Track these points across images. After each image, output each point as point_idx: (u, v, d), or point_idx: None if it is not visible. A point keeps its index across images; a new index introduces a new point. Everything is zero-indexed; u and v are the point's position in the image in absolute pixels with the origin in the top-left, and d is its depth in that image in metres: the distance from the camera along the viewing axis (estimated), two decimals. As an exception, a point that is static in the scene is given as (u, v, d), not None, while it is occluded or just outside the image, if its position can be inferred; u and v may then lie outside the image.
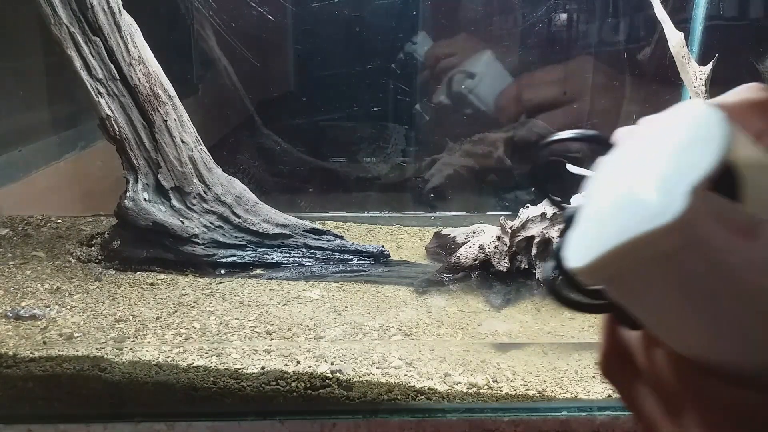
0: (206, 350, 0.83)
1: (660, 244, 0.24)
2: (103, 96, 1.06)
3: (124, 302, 0.97)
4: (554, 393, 0.79)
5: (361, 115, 1.54)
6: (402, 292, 1.06)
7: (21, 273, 1.06)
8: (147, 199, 1.09)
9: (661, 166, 0.26)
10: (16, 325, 0.88)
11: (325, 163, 1.59)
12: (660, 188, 0.25)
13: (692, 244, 0.24)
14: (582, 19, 1.45)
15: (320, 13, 1.43)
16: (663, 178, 0.25)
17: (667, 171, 0.25)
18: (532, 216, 1.05)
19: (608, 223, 0.27)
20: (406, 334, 0.90)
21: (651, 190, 0.25)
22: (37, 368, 0.78)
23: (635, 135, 0.30)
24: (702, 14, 1.29)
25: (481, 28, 1.48)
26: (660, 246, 0.24)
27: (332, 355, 0.83)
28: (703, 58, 1.10)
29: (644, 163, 0.27)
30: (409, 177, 1.57)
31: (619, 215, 0.27)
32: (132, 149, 1.09)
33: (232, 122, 1.60)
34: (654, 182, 0.26)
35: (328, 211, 1.48)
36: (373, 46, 1.49)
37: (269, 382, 0.78)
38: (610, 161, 0.31)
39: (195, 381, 0.78)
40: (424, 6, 1.46)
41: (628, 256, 0.25)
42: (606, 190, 0.29)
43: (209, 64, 1.52)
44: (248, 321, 0.92)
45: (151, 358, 0.80)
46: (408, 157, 1.58)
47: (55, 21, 1.03)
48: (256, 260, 1.13)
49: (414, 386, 0.78)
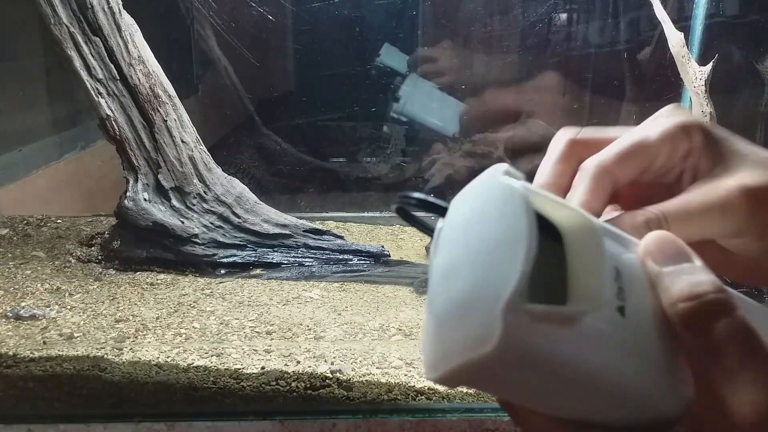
0: (206, 350, 0.83)
1: (492, 363, 0.25)
2: (103, 96, 1.06)
3: (124, 302, 0.97)
4: (554, 393, 0.79)
5: (361, 115, 1.54)
6: (402, 292, 1.06)
7: (21, 273, 1.06)
8: (147, 199, 1.09)
9: (478, 269, 0.27)
10: (16, 325, 0.88)
11: (325, 163, 1.59)
12: (478, 303, 0.26)
13: (523, 353, 0.26)
14: (582, 20, 1.45)
15: (320, 13, 1.43)
16: (480, 289, 0.26)
17: (484, 279, 0.26)
18: (532, 216, 1.05)
19: (446, 331, 0.28)
20: (406, 334, 0.90)
21: (472, 303, 0.26)
22: (37, 368, 0.78)
23: (461, 207, 0.31)
24: (702, 14, 1.29)
25: (480, 29, 1.48)
26: (493, 365, 0.26)
27: (332, 355, 0.83)
28: (703, 57, 1.10)
29: (465, 259, 0.28)
30: (409, 177, 1.57)
31: (452, 325, 0.28)
32: (132, 149, 1.09)
33: (232, 122, 1.60)
34: (473, 293, 0.27)
35: (328, 211, 1.48)
36: (373, 46, 1.49)
37: (269, 382, 0.78)
38: (444, 231, 0.32)
39: (195, 381, 0.78)
40: (424, 6, 1.46)
41: (468, 373, 0.27)
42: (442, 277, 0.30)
43: (209, 64, 1.52)
44: (248, 321, 0.92)
45: (151, 358, 0.80)
46: (408, 157, 1.58)
47: (55, 21, 1.03)
48: (256, 260, 1.13)
49: (414, 386, 0.78)
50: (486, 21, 1.47)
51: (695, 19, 1.29)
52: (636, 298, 0.29)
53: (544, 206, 0.29)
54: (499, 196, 0.27)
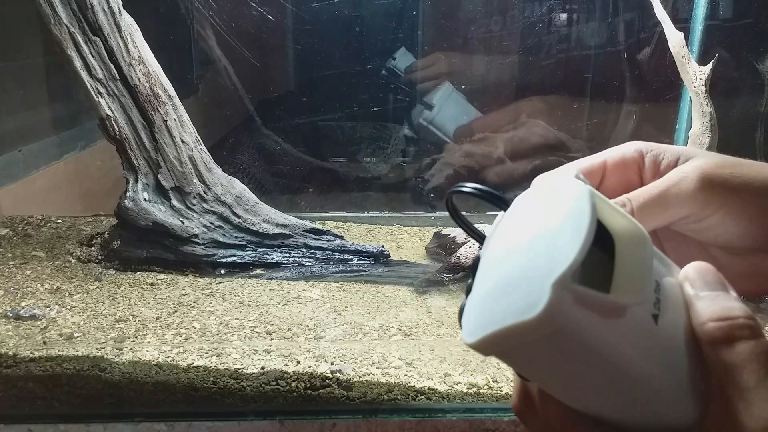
0: (206, 350, 0.83)
1: (531, 333, 0.27)
2: (103, 96, 1.06)
3: (124, 302, 0.97)
4: (554, 393, 0.79)
5: (361, 115, 1.54)
6: (402, 292, 1.06)
7: (21, 273, 1.06)
8: (147, 199, 1.09)
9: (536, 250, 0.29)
10: (16, 325, 0.88)
11: (325, 163, 1.60)
12: (530, 278, 0.28)
13: (561, 330, 0.27)
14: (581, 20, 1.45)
15: (320, 13, 1.43)
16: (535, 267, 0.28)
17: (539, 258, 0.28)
18: (532, 216, 1.05)
19: (491, 302, 0.30)
20: (406, 334, 0.90)
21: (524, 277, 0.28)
22: (37, 368, 0.78)
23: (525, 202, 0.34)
24: (702, 14, 1.29)
25: (480, 29, 1.48)
26: (532, 334, 0.27)
27: (332, 355, 0.83)
28: (703, 57, 1.10)
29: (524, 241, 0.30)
30: (409, 177, 1.58)
31: (499, 297, 0.30)
32: (132, 149, 1.09)
33: (232, 122, 1.60)
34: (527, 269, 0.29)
35: (328, 211, 1.48)
36: (373, 47, 1.49)
37: (269, 382, 0.78)
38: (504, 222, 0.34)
39: (195, 381, 0.78)
40: (424, 6, 1.46)
41: (506, 341, 0.28)
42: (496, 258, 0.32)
43: (209, 64, 1.52)
44: (248, 321, 0.92)
45: (151, 358, 0.80)
46: (408, 157, 1.58)
47: (55, 21, 1.03)
48: (256, 260, 1.13)
49: (414, 386, 0.78)
50: (486, 21, 1.47)
51: (695, 20, 1.29)
52: (670, 313, 0.31)
53: (604, 211, 0.31)
54: (569, 192, 0.30)
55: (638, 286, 0.29)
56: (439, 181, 1.52)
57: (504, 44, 1.48)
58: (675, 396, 0.30)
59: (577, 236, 0.27)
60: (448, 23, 1.51)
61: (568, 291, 0.27)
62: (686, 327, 0.31)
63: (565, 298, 0.26)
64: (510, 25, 1.46)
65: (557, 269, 0.27)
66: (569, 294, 0.27)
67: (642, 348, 0.29)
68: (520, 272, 0.29)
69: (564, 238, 0.28)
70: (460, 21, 1.50)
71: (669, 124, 1.39)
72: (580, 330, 0.27)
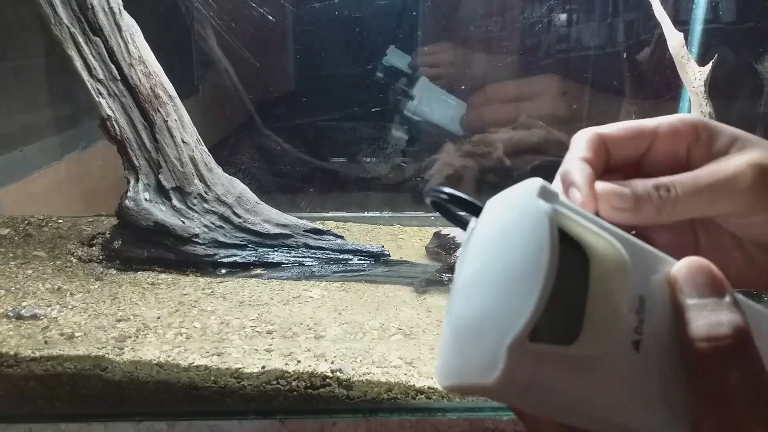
0: (207, 350, 0.83)
1: (493, 395, 0.26)
2: (103, 96, 1.06)
3: (125, 302, 0.97)
4: (554, 392, 0.79)
5: (361, 116, 1.54)
6: (402, 291, 1.06)
7: (22, 273, 1.06)
8: (148, 199, 1.09)
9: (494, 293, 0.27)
10: (17, 325, 0.88)
11: (326, 163, 1.60)
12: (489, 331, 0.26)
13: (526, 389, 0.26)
14: (581, 20, 1.46)
15: (320, 14, 1.43)
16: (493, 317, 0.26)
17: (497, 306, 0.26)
18: (531, 216, 1.05)
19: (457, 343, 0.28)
20: (406, 333, 0.91)
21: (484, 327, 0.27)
22: (38, 368, 0.79)
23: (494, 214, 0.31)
24: (701, 14, 1.29)
25: (479, 29, 1.49)
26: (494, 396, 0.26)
27: (332, 354, 0.83)
28: (703, 58, 1.10)
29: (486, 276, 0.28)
30: (409, 177, 1.58)
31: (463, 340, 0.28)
32: (133, 149, 1.09)
33: (232, 122, 1.60)
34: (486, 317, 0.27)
35: (328, 211, 1.48)
36: (374, 47, 1.49)
37: (270, 381, 0.78)
38: (476, 232, 0.31)
39: (196, 380, 0.78)
40: (424, 6, 1.47)
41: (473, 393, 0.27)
42: (466, 281, 0.30)
43: (210, 65, 1.52)
44: (249, 320, 0.93)
45: (152, 357, 0.81)
46: (408, 157, 1.58)
47: (55, 21, 1.03)
48: (257, 260, 1.13)
49: (414, 385, 0.78)
50: (486, 21, 1.47)
51: (695, 20, 1.29)
52: (654, 328, 0.29)
53: (575, 228, 0.28)
54: (528, 218, 0.27)
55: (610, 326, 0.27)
56: (439, 181, 1.52)
57: (504, 44, 1.48)
58: (658, 422, 0.29)
59: (536, 283, 0.25)
60: (448, 23, 1.51)
61: (526, 351, 0.25)
62: (673, 340, 0.29)
63: (523, 359, 0.25)
64: (510, 24, 1.47)
65: (514, 326, 0.25)
66: (528, 355, 0.25)
67: (617, 386, 0.27)
68: (482, 317, 0.27)
69: (523, 282, 0.26)
70: (460, 21, 1.50)
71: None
72: (546, 383, 0.26)
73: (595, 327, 0.27)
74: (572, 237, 0.29)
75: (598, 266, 0.28)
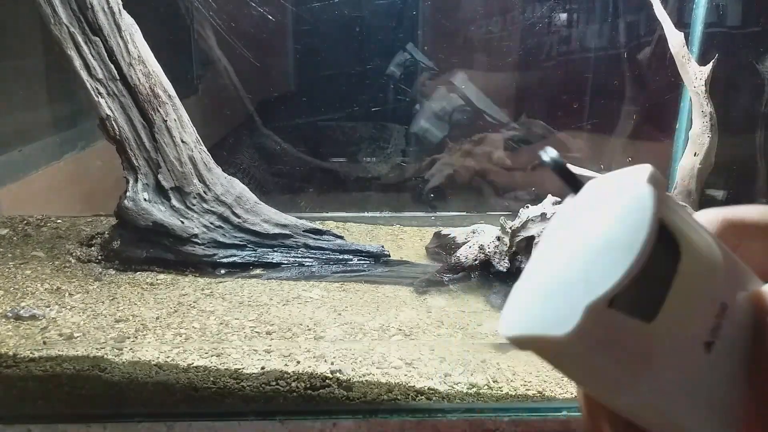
0: (206, 350, 0.83)
1: (557, 348, 0.27)
2: (103, 96, 1.06)
3: (124, 302, 0.97)
4: (554, 393, 0.79)
5: (361, 115, 1.54)
6: (402, 292, 1.06)
7: (21, 273, 1.06)
8: (147, 199, 1.09)
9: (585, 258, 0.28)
10: (16, 325, 0.88)
11: (325, 163, 1.60)
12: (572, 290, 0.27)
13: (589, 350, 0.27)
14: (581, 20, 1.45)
15: (320, 13, 1.43)
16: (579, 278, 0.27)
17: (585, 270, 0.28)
18: (532, 216, 1.05)
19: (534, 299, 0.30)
20: (406, 334, 0.90)
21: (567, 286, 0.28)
22: (37, 368, 0.78)
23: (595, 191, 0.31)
24: (702, 14, 1.29)
25: (479, 30, 1.48)
26: (557, 349, 0.27)
27: (332, 355, 0.83)
28: (703, 57, 1.10)
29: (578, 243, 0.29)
30: (409, 177, 1.58)
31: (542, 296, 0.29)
32: (132, 149, 1.09)
33: (232, 122, 1.60)
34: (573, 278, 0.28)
35: (328, 211, 1.48)
36: (373, 47, 1.49)
37: (269, 382, 0.78)
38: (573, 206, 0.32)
39: (195, 381, 0.78)
40: (423, 6, 1.46)
41: (535, 346, 0.28)
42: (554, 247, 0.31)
43: (209, 64, 1.52)
44: (248, 321, 0.92)
45: (151, 358, 0.80)
46: (408, 157, 1.58)
47: (55, 21, 1.03)
48: (256, 260, 1.13)
49: (414, 386, 0.78)
50: (486, 21, 1.47)
51: (695, 20, 1.29)
52: (730, 335, 0.29)
53: (674, 221, 0.29)
54: (633, 196, 0.28)
55: (687, 320, 0.28)
56: (439, 181, 1.52)
57: (504, 44, 1.48)
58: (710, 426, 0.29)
59: (627, 258, 0.26)
60: (447, 23, 1.51)
61: (603, 315, 0.26)
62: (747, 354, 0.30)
63: (598, 321, 0.26)
64: (510, 27, 1.47)
65: (597, 290, 0.26)
66: (604, 318, 0.26)
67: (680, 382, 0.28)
68: (566, 277, 0.28)
69: (615, 254, 0.27)
70: (459, 21, 1.50)
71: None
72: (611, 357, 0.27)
73: (672, 315, 0.28)
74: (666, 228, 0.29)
75: (689, 261, 0.29)
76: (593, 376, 0.29)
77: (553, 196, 1.07)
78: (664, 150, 1.41)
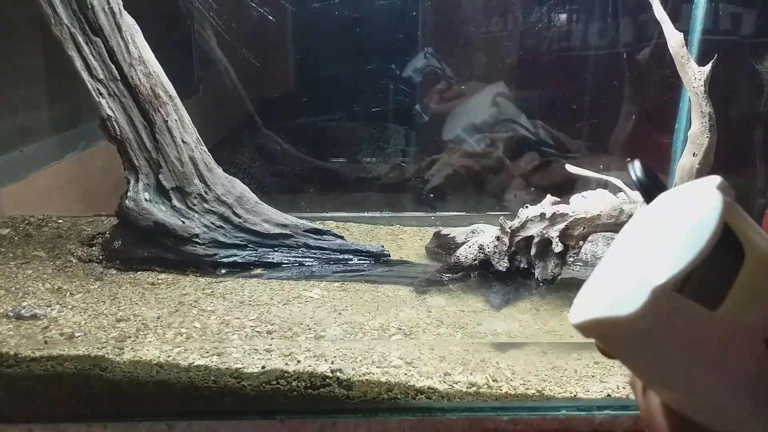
0: (207, 350, 0.83)
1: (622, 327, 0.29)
2: (104, 96, 1.07)
3: (125, 302, 0.97)
4: (553, 392, 0.79)
5: (361, 115, 1.54)
6: (402, 291, 1.06)
7: (22, 273, 1.06)
8: (148, 199, 1.09)
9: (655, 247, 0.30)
10: (17, 325, 0.88)
11: (326, 163, 1.60)
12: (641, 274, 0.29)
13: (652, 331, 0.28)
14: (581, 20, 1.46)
15: (320, 14, 1.43)
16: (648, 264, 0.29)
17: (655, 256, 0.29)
18: (531, 216, 1.05)
19: (600, 290, 0.32)
20: (406, 333, 0.91)
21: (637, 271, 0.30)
22: (38, 368, 0.79)
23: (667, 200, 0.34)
24: (701, 15, 1.29)
25: (479, 30, 1.49)
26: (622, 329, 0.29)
27: (332, 354, 0.83)
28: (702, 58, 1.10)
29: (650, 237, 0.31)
30: (409, 177, 1.58)
31: (607, 286, 0.31)
32: (133, 149, 1.09)
33: (232, 122, 1.60)
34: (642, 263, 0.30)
35: (328, 211, 1.49)
36: (373, 47, 1.49)
37: (270, 381, 0.78)
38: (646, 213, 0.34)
39: (196, 380, 0.78)
40: (424, 7, 1.47)
41: (600, 330, 0.30)
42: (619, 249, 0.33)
43: (210, 65, 1.52)
44: (249, 320, 0.93)
45: (151, 357, 0.81)
46: (408, 157, 1.58)
47: (55, 21, 1.03)
48: (257, 260, 1.13)
49: (414, 385, 0.78)
50: (486, 22, 1.47)
51: (694, 20, 1.29)
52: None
53: (741, 225, 0.31)
54: (704, 199, 0.30)
55: (752, 313, 0.29)
56: (439, 181, 1.52)
57: (504, 44, 1.48)
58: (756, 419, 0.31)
59: (694, 247, 0.28)
60: (447, 23, 1.51)
61: (669, 297, 0.27)
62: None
63: (664, 302, 0.27)
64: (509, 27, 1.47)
65: (663, 273, 0.28)
66: (670, 300, 0.27)
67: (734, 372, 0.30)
68: (635, 265, 0.30)
69: (683, 245, 0.28)
70: (459, 22, 1.51)
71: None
72: (671, 340, 0.28)
73: (734, 308, 0.30)
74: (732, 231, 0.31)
75: (754, 262, 0.30)
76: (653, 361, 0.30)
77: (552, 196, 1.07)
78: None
